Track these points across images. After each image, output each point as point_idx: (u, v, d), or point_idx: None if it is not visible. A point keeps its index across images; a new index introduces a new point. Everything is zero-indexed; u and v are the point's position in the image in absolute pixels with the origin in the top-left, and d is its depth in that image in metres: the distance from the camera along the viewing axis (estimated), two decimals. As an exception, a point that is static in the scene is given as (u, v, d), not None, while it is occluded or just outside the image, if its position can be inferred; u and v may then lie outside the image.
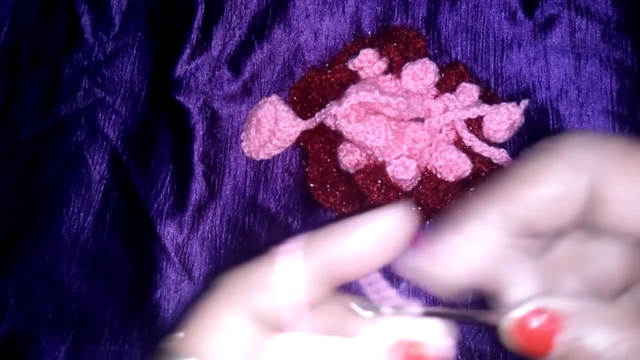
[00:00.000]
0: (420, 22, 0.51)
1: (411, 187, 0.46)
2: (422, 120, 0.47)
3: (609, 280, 0.27)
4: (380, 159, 0.46)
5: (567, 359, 0.23)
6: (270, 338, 0.25)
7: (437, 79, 0.48)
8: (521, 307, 0.24)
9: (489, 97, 0.48)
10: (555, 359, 0.24)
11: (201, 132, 0.51)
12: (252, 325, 0.24)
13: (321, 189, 0.47)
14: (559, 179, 0.24)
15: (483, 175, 0.46)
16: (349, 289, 0.26)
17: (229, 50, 0.53)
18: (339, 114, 0.45)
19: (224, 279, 0.25)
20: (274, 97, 0.50)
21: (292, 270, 0.24)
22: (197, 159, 0.51)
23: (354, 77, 0.49)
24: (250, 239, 0.49)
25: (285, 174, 0.50)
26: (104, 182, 0.52)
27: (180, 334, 0.25)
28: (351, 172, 0.47)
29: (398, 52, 0.49)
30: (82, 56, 0.54)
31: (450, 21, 0.51)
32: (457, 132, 0.47)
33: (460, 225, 0.25)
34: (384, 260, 0.24)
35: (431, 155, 0.47)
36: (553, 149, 0.24)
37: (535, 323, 0.23)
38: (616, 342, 0.23)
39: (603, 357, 0.23)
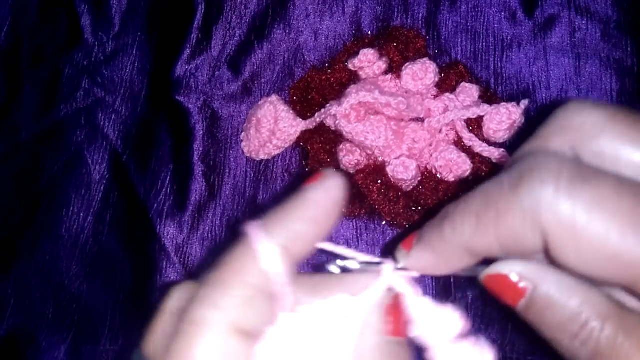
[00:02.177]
0: (420, 22, 0.51)
1: (411, 187, 0.46)
2: (422, 120, 0.47)
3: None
4: (380, 159, 0.46)
5: (531, 308, 0.26)
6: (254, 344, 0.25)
7: (437, 79, 0.48)
8: (498, 266, 0.27)
9: (489, 97, 0.48)
10: (522, 309, 0.27)
11: (201, 132, 0.51)
12: (243, 339, 0.24)
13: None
14: (512, 223, 0.25)
15: (483, 175, 0.46)
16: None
17: (229, 50, 0.53)
18: (339, 114, 0.45)
19: (203, 308, 0.24)
20: (274, 97, 0.50)
21: (266, 258, 0.25)
22: (197, 159, 0.51)
23: (354, 77, 0.49)
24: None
25: (285, 174, 0.50)
26: (104, 182, 0.52)
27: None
28: (351, 172, 0.47)
29: (398, 52, 0.49)
30: (82, 56, 0.54)
31: (450, 21, 0.51)
32: (457, 132, 0.47)
33: (430, 241, 0.28)
34: (328, 230, 0.27)
35: (431, 155, 0.47)
36: (514, 190, 0.25)
37: (507, 279, 0.27)
38: (575, 314, 0.25)
39: (561, 315, 0.25)
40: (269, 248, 0.25)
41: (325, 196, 0.27)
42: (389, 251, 0.30)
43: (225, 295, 0.24)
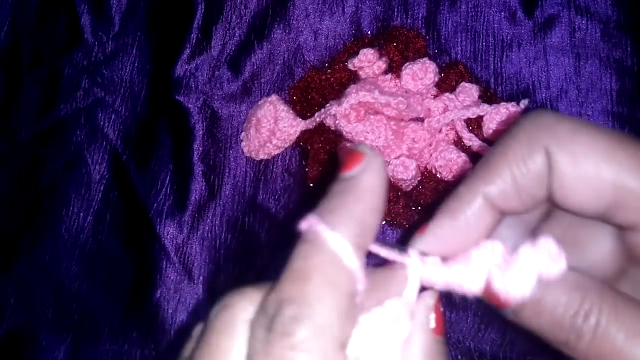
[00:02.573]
0: (420, 22, 0.51)
1: (411, 187, 0.46)
2: (422, 120, 0.47)
3: (599, 267, 0.30)
4: (380, 159, 0.46)
5: (524, 311, 0.27)
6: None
7: (437, 79, 0.48)
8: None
9: (489, 97, 0.48)
10: (515, 312, 0.27)
11: (201, 132, 0.51)
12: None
13: (321, 189, 0.47)
14: (518, 155, 0.27)
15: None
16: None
17: (229, 50, 0.53)
18: (339, 114, 0.45)
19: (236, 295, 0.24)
20: (274, 97, 0.50)
21: (345, 254, 0.23)
22: (197, 159, 0.51)
23: (354, 77, 0.49)
24: (250, 239, 0.49)
25: (285, 174, 0.50)
26: (104, 182, 0.52)
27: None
28: (351, 172, 0.47)
29: (398, 52, 0.49)
30: (82, 56, 0.54)
31: (450, 21, 0.51)
32: (457, 132, 0.47)
33: (445, 207, 0.28)
34: (383, 203, 0.26)
35: (431, 155, 0.47)
36: (513, 131, 0.28)
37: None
38: (568, 301, 0.25)
39: (555, 313, 0.25)
40: (344, 245, 0.23)
41: (378, 179, 0.25)
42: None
43: (324, 313, 0.22)
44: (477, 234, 0.28)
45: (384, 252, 0.27)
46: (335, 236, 0.23)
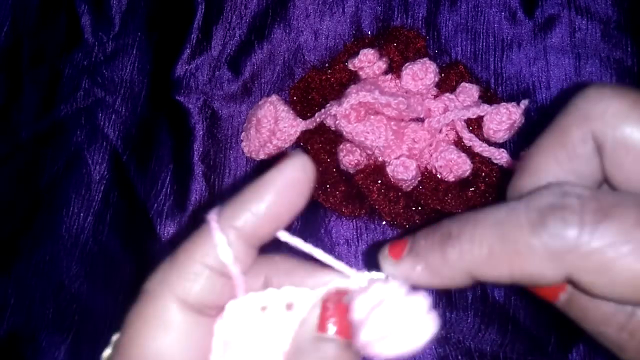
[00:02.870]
0: (420, 22, 0.51)
1: (411, 187, 0.46)
2: (422, 120, 0.47)
3: None
4: (380, 159, 0.46)
5: (573, 304, 0.26)
6: (213, 324, 0.27)
7: (437, 79, 0.48)
8: None
9: (489, 97, 0.48)
10: (563, 304, 0.26)
11: (201, 132, 0.51)
12: (192, 315, 0.26)
13: (321, 189, 0.47)
14: (533, 263, 0.24)
15: (483, 175, 0.46)
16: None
17: (229, 50, 0.53)
18: (339, 114, 0.45)
19: (151, 281, 0.27)
20: (274, 97, 0.50)
21: (221, 248, 0.25)
22: (197, 159, 0.51)
23: (354, 77, 0.49)
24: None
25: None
26: (104, 182, 0.52)
27: (107, 353, 0.27)
28: (351, 172, 0.47)
29: (398, 52, 0.49)
30: (82, 56, 0.54)
31: (450, 21, 0.51)
32: (457, 132, 0.47)
33: (428, 258, 0.26)
34: (296, 211, 0.26)
35: (431, 155, 0.47)
36: (567, 110, 0.26)
37: None
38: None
39: (602, 308, 0.25)
40: (221, 229, 0.25)
41: (286, 177, 0.25)
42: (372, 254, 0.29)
43: (172, 270, 0.26)
44: (447, 289, 0.27)
45: (303, 246, 0.28)
46: (214, 221, 0.26)
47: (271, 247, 0.28)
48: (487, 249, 0.24)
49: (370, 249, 0.48)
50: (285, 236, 0.27)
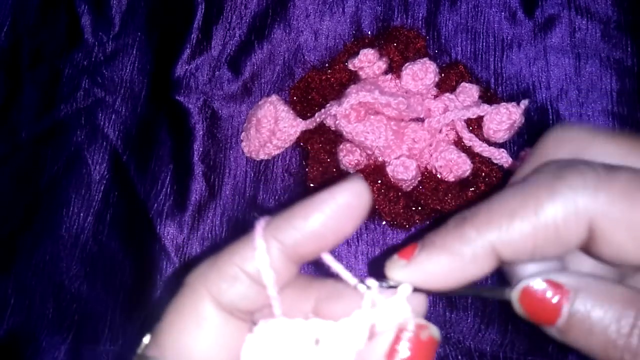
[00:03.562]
0: (420, 22, 0.51)
1: (411, 187, 0.46)
2: (422, 120, 0.47)
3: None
4: (380, 159, 0.46)
5: (572, 330, 0.25)
6: (244, 328, 0.27)
7: (437, 79, 0.48)
8: (529, 280, 0.26)
9: (489, 97, 0.48)
10: (562, 330, 0.25)
11: (201, 132, 0.51)
12: (224, 315, 0.26)
13: (321, 189, 0.47)
14: (555, 215, 0.24)
15: (483, 175, 0.46)
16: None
17: (229, 50, 0.53)
18: (339, 114, 0.45)
19: (191, 275, 0.27)
20: (274, 97, 0.50)
21: (258, 254, 0.25)
22: (197, 159, 0.51)
23: (354, 77, 0.49)
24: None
25: (285, 174, 0.50)
26: (104, 182, 0.52)
27: (147, 339, 0.27)
28: (351, 172, 0.47)
29: (398, 52, 0.49)
30: (82, 56, 0.54)
31: (450, 21, 0.51)
32: (457, 132, 0.47)
33: (445, 244, 0.26)
34: (343, 235, 0.26)
35: (431, 155, 0.47)
36: (552, 185, 0.25)
37: (541, 292, 0.25)
38: (621, 318, 0.24)
39: (607, 332, 0.24)
40: (265, 242, 0.25)
41: (338, 201, 0.25)
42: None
43: (212, 268, 0.26)
44: (468, 279, 0.26)
45: (341, 271, 0.27)
46: (261, 232, 0.26)
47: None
48: (509, 212, 0.24)
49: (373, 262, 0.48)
50: (328, 259, 0.27)
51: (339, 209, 0.25)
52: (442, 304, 0.46)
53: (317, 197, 0.25)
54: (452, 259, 0.25)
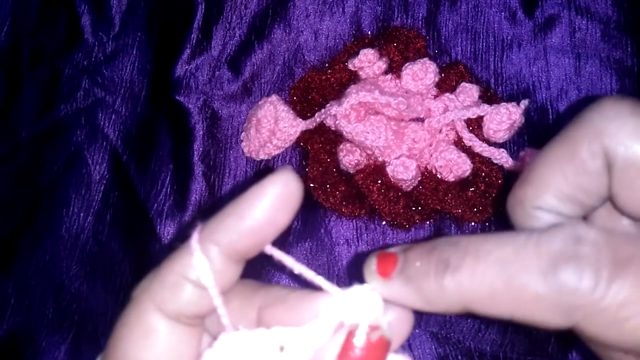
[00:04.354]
0: (420, 22, 0.51)
1: (411, 187, 0.46)
2: (422, 120, 0.47)
3: None
4: (380, 159, 0.46)
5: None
6: (195, 333, 0.27)
7: (437, 79, 0.48)
8: None
9: (489, 97, 0.48)
10: None
11: (201, 132, 0.51)
12: (172, 324, 0.26)
13: (321, 189, 0.47)
14: (539, 309, 0.23)
15: (483, 175, 0.46)
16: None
17: (229, 50, 0.53)
18: (339, 114, 0.45)
19: (137, 289, 0.27)
20: (274, 97, 0.50)
21: (195, 258, 0.25)
22: (197, 159, 0.51)
23: (354, 77, 0.49)
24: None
25: (285, 174, 0.50)
26: (104, 182, 0.52)
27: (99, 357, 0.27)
28: (351, 172, 0.47)
29: (398, 52, 0.49)
30: (82, 56, 0.54)
31: (450, 21, 0.51)
32: (457, 132, 0.47)
33: (422, 286, 0.25)
34: (280, 227, 0.26)
35: (431, 155, 0.47)
36: (577, 124, 0.25)
37: None
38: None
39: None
40: (202, 245, 0.25)
41: (270, 193, 0.25)
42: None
43: (154, 280, 0.27)
44: (448, 312, 0.26)
45: (291, 264, 0.27)
46: (196, 236, 0.26)
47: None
48: (490, 288, 0.24)
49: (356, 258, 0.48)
50: (271, 250, 0.27)
51: (271, 201, 0.25)
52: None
53: (248, 193, 0.25)
54: (424, 302, 0.25)
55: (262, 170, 0.51)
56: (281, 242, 0.47)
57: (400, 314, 0.26)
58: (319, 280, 0.26)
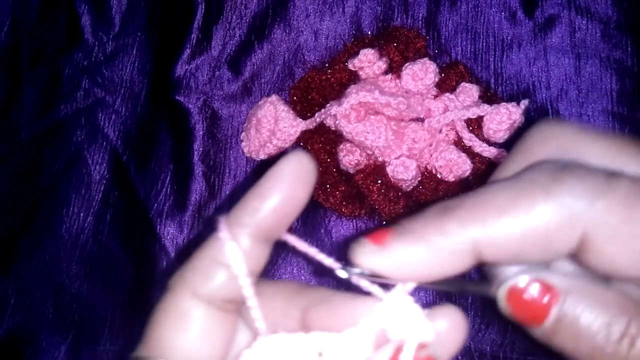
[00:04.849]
0: (420, 22, 0.51)
1: (411, 187, 0.46)
2: (422, 120, 0.47)
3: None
4: (380, 159, 0.46)
5: (559, 333, 0.24)
6: (232, 319, 0.27)
7: (437, 79, 0.48)
8: (518, 278, 0.25)
9: (489, 97, 0.48)
10: (548, 332, 0.25)
11: (201, 132, 0.51)
12: (208, 309, 0.26)
13: (321, 189, 0.47)
14: (549, 219, 0.23)
15: (483, 175, 0.46)
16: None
17: (229, 50, 0.53)
18: (339, 114, 0.45)
19: (172, 279, 0.27)
20: (274, 97, 0.50)
21: (229, 245, 0.26)
22: (197, 159, 0.51)
23: (354, 77, 0.49)
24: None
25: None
26: (104, 182, 0.52)
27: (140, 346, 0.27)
28: (351, 172, 0.47)
29: (398, 52, 0.49)
30: (82, 56, 0.54)
31: (450, 21, 0.51)
32: (457, 132, 0.47)
33: (424, 234, 0.24)
34: (300, 204, 0.26)
35: (431, 155, 0.47)
36: (549, 186, 0.24)
37: (530, 292, 0.25)
38: (611, 324, 0.23)
39: (595, 337, 0.23)
40: (229, 227, 0.26)
41: (288, 173, 0.26)
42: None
43: (187, 267, 0.27)
44: (444, 274, 0.25)
45: (308, 250, 0.27)
46: (224, 224, 0.26)
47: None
48: (498, 210, 0.23)
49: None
50: (292, 240, 0.28)
51: (289, 178, 0.26)
52: (442, 304, 0.46)
53: (266, 175, 0.26)
54: (430, 251, 0.24)
55: (262, 165, 0.51)
56: (281, 242, 0.47)
57: (451, 322, 0.25)
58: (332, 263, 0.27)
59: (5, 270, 0.51)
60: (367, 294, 0.26)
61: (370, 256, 0.25)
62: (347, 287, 0.26)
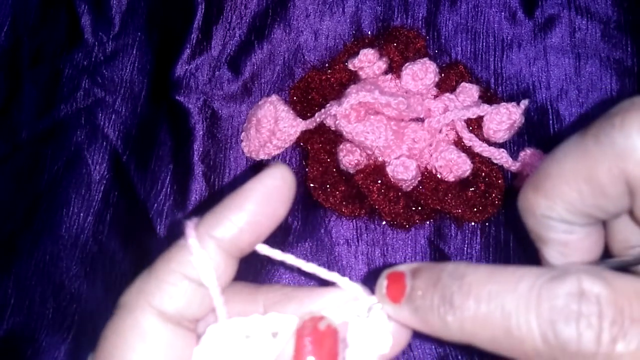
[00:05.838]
0: (420, 22, 0.51)
1: (411, 187, 0.46)
2: (422, 120, 0.47)
3: None
4: (380, 159, 0.46)
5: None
6: (191, 337, 0.26)
7: (437, 79, 0.48)
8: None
9: (489, 97, 0.48)
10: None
11: (201, 132, 0.51)
12: (169, 327, 0.25)
13: (321, 189, 0.47)
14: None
15: (483, 175, 0.46)
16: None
17: (229, 50, 0.53)
18: (339, 114, 0.45)
19: (127, 294, 0.26)
20: (274, 97, 0.50)
21: (195, 254, 0.25)
22: (197, 159, 0.51)
23: (354, 77, 0.49)
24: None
25: (285, 174, 0.50)
26: (104, 182, 0.52)
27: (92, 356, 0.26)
28: (351, 172, 0.47)
29: (398, 52, 0.49)
30: (82, 56, 0.54)
31: (450, 21, 0.51)
32: (457, 132, 0.47)
33: (429, 320, 0.25)
34: (277, 220, 0.26)
35: (431, 155, 0.47)
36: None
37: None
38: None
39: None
40: (199, 237, 0.25)
41: (267, 186, 0.25)
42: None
43: (150, 280, 0.25)
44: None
45: (281, 257, 0.27)
46: (192, 232, 0.25)
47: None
48: (491, 334, 0.23)
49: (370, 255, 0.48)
50: (264, 249, 0.27)
51: (269, 193, 0.25)
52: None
53: (245, 187, 0.25)
54: (430, 331, 0.25)
55: (257, 166, 0.51)
56: (281, 242, 0.47)
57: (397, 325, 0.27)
58: (321, 272, 0.27)
59: (5, 270, 0.51)
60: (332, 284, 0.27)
61: (386, 305, 0.26)
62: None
